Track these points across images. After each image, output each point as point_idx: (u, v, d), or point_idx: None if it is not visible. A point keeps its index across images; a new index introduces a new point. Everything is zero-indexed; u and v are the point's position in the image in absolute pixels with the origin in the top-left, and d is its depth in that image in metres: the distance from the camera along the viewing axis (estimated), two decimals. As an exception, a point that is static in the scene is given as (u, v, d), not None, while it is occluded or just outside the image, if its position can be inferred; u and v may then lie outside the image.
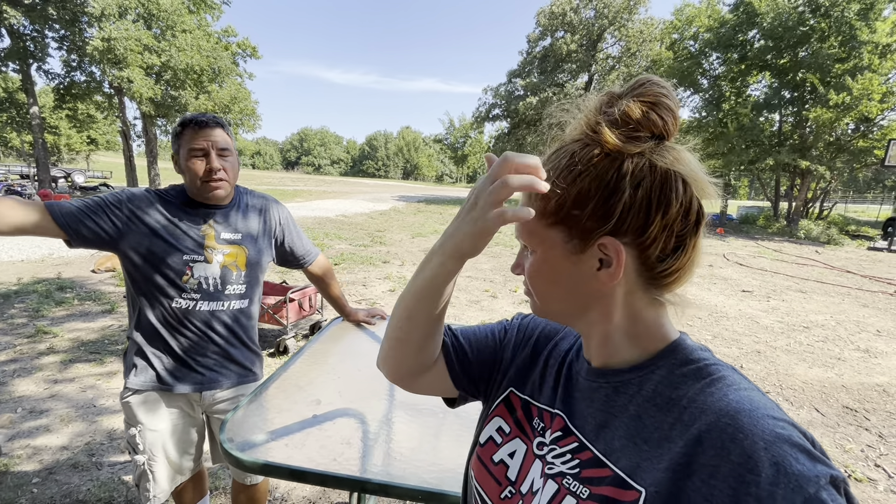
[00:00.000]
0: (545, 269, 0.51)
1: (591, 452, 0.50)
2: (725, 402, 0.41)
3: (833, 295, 6.71)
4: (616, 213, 0.45)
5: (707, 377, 0.45)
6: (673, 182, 0.45)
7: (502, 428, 0.62)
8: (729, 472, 0.37)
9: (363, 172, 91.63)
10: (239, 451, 0.99)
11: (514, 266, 0.56)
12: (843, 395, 3.45)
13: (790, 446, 0.36)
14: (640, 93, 0.46)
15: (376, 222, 13.06)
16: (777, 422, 0.38)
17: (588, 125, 0.48)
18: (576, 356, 0.60)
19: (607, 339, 0.51)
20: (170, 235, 1.33)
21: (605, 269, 0.47)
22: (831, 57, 12.41)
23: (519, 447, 0.59)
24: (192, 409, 1.46)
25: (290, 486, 2.19)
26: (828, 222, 16.22)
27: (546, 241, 0.50)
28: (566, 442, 0.53)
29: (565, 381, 0.59)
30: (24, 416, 2.68)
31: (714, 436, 0.39)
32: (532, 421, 0.60)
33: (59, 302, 4.75)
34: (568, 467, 0.51)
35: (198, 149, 1.31)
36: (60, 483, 2.13)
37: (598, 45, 23.78)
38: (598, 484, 0.47)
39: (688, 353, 0.48)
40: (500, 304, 5.41)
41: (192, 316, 1.37)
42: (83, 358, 3.47)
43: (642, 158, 0.45)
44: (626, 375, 0.50)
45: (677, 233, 0.46)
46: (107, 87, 15.28)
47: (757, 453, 0.36)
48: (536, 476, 0.54)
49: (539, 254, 0.51)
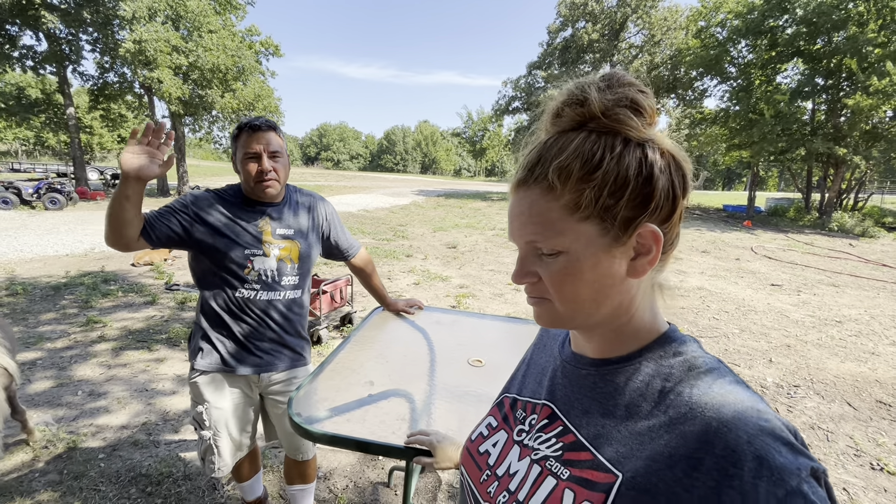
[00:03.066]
0: (578, 270, 0.46)
1: (574, 436, 0.50)
2: (710, 395, 0.42)
3: (867, 289, 6.51)
4: (654, 198, 0.45)
5: (694, 370, 0.45)
6: (684, 165, 0.47)
7: (490, 424, 0.64)
8: (712, 465, 0.37)
9: (381, 167, 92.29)
10: (307, 424, 1.11)
11: (522, 275, 0.50)
12: (877, 389, 3.40)
13: (773, 439, 0.37)
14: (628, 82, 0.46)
15: (397, 217, 13.21)
16: (760, 414, 0.39)
17: (599, 109, 0.45)
18: (561, 347, 0.61)
19: (618, 332, 0.51)
20: (231, 232, 1.45)
21: (642, 259, 0.47)
22: (870, 42, 11.88)
23: (501, 437, 0.61)
24: (250, 390, 1.59)
25: (332, 466, 2.33)
26: (863, 214, 15.59)
27: (580, 237, 0.46)
28: (552, 427, 0.54)
29: (552, 373, 0.60)
30: (85, 399, 2.90)
31: (698, 428, 0.40)
32: (516, 412, 0.62)
33: (104, 294, 5.03)
34: (552, 451, 0.52)
35: (251, 152, 1.42)
36: (124, 458, 2.32)
37: (620, 35, 23.28)
38: (579, 466, 0.47)
39: (677, 345, 0.49)
40: (523, 298, 5.43)
41: (252, 304, 1.49)
42: (132, 346, 3.70)
43: (654, 145, 0.46)
44: (615, 365, 0.51)
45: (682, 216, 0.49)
46: (137, 88, 15.83)
47: (740, 447, 0.37)
48: (514, 459, 0.56)
49: (571, 253, 0.46)
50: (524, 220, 0.48)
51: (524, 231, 0.48)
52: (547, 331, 0.70)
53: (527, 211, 0.48)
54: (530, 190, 0.47)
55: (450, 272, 6.59)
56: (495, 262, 7.42)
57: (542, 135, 0.51)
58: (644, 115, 0.46)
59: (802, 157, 15.28)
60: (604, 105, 0.45)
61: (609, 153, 0.44)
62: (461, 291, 5.57)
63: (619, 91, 0.46)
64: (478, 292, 5.60)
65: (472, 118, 41.78)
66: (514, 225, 0.50)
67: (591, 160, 0.45)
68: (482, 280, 6.22)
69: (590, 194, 0.44)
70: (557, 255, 0.47)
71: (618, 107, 0.45)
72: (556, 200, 0.46)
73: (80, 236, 8.64)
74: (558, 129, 0.48)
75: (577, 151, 0.45)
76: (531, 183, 0.47)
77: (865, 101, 11.97)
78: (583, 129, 0.47)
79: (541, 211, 0.47)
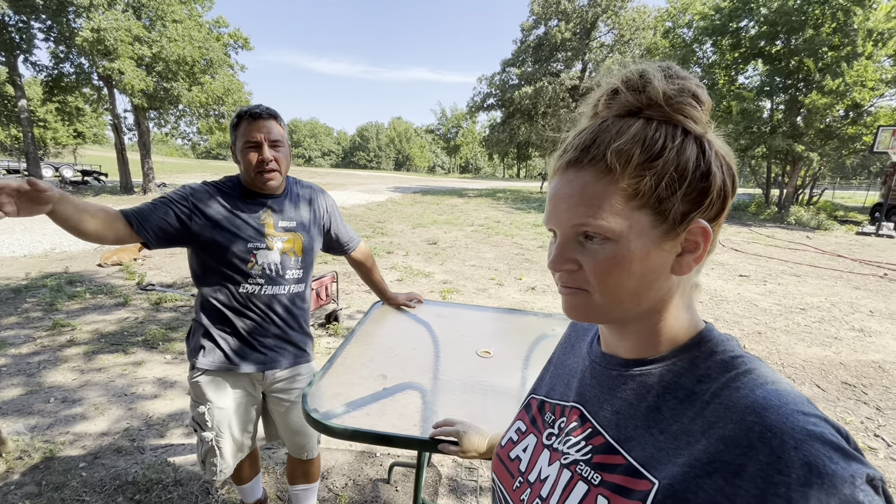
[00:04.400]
0: (627, 260, 0.44)
1: (603, 438, 0.49)
2: (752, 397, 0.39)
3: (826, 278, 6.91)
4: (709, 195, 0.44)
5: (732, 370, 0.43)
6: (733, 165, 0.46)
7: (520, 428, 0.63)
8: (756, 472, 0.35)
9: (354, 164, 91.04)
10: (326, 419, 1.09)
11: (562, 261, 0.47)
12: (842, 371, 3.62)
13: (822, 444, 0.34)
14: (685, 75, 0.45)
15: (375, 213, 13.08)
16: (808, 418, 0.36)
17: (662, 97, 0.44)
18: (590, 346, 0.59)
19: (653, 331, 0.49)
20: (232, 225, 1.40)
21: (689, 255, 0.45)
22: (825, 43, 12.56)
23: (531, 441, 0.59)
24: (253, 389, 1.55)
25: (329, 464, 2.29)
26: (817, 208, 16.53)
27: (633, 225, 0.44)
28: (581, 430, 0.52)
29: (581, 374, 0.58)
30: (58, 406, 2.75)
31: (740, 434, 0.38)
32: (544, 415, 0.60)
33: (71, 296, 4.77)
34: (581, 454, 0.50)
35: (252, 141, 1.37)
36: (107, 466, 2.21)
37: (591, 34, 23.75)
38: (611, 471, 0.46)
39: (713, 345, 0.46)
40: (507, 292, 5.52)
41: (256, 299, 1.45)
42: (106, 349, 3.53)
43: (709, 141, 0.45)
44: (649, 366, 0.49)
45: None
46: (96, 79, 15.01)
47: (787, 452, 0.35)
48: (545, 465, 0.54)
49: (621, 242, 0.44)
50: (574, 202, 0.45)
51: (573, 213, 0.45)
52: (574, 331, 0.68)
53: (578, 192, 0.45)
54: (583, 171, 0.45)
55: (432, 268, 6.59)
56: (476, 257, 7.46)
57: (587, 119, 0.49)
58: (702, 109, 0.45)
59: (763, 154, 16.02)
60: (667, 93, 0.44)
61: (671, 142, 0.43)
62: (445, 287, 5.58)
63: (679, 82, 0.45)
64: (461, 287, 5.62)
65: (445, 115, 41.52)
66: (561, 207, 0.46)
67: (652, 147, 0.43)
68: (465, 275, 6.25)
69: (649, 182, 0.43)
70: (605, 241, 0.44)
71: (681, 96, 0.44)
72: (613, 184, 0.43)
73: (37, 236, 8.14)
74: (612, 113, 0.46)
75: (637, 137, 0.43)
76: (585, 164, 0.45)
77: (821, 101, 12.65)
78: (639, 115, 0.45)
79: (596, 193, 0.44)
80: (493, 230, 10.44)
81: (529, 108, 23.87)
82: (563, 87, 23.38)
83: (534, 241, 9.12)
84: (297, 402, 1.59)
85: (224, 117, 15.73)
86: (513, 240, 9.29)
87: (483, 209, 15.39)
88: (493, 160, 45.54)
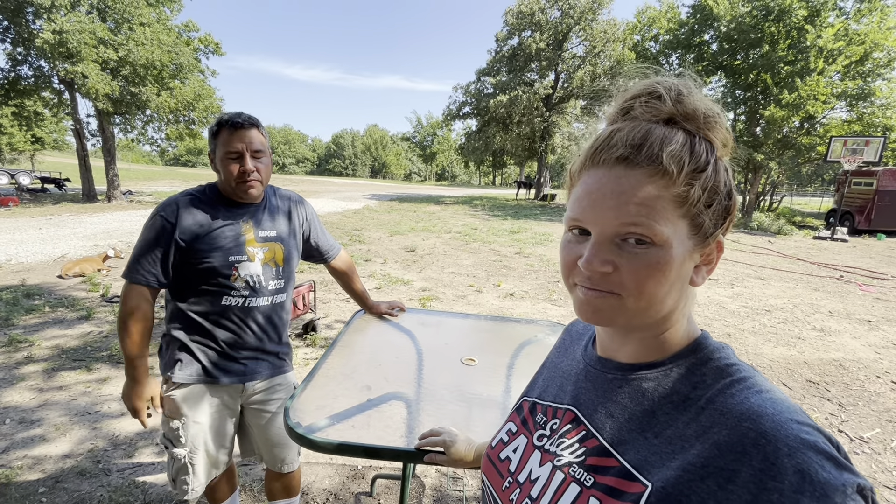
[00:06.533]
0: (668, 267, 0.44)
1: (597, 440, 0.49)
2: (747, 405, 0.40)
3: (788, 281, 7.24)
4: (732, 213, 0.47)
5: (727, 377, 0.44)
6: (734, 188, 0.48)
7: (511, 429, 0.63)
8: (749, 477, 0.36)
9: (330, 171, 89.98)
10: (310, 433, 1.06)
11: (601, 262, 0.44)
12: (806, 370, 3.79)
13: (815, 453, 0.35)
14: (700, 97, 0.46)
15: (351, 221, 12.95)
16: (802, 426, 0.37)
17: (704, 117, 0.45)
18: (585, 351, 0.60)
19: (657, 338, 0.49)
20: (213, 238, 1.36)
21: (705, 267, 0.48)
22: (781, 59, 13.29)
23: (521, 442, 0.59)
24: (232, 402, 1.50)
25: (309, 479, 2.23)
26: (777, 214, 17.36)
27: (678, 232, 0.44)
28: (575, 432, 0.52)
29: (576, 377, 0.58)
30: (14, 427, 2.58)
31: (734, 440, 0.38)
32: (536, 417, 0.60)
33: (28, 310, 4.51)
34: (575, 456, 0.50)
35: (233, 152, 1.34)
36: (70, 491, 2.09)
37: (564, 45, 24.36)
38: (604, 473, 0.46)
39: (709, 353, 0.47)
40: (486, 299, 5.54)
41: (237, 311, 1.41)
42: (67, 366, 3.34)
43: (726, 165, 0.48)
44: (645, 371, 0.49)
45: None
46: (56, 83, 14.37)
47: (780, 459, 0.35)
48: (535, 465, 0.54)
49: (666, 248, 0.43)
50: (624, 200, 0.43)
51: (621, 211, 0.43)
52: (569, 335, 0.69)
53: (629, 191, 0.43)
54: (635, 170, 0.43)
55: (411, 276, 6.55)
56: (455, 264, 7.47)
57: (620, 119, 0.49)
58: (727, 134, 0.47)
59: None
60: (705, 112, 0.45)
61: (711, 157, 0.45)
62: (424, 294, 5.56)
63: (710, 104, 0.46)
64: (441, 295, 5.61)
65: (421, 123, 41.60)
66: (608, 204, 0.44)
67: (699, 158, 0.44)
68: (443, 283, 6.24)
69: (697, 192, 0.43)
70: (650, 246, 0.43)
71: (716, 117, 0.46)
72: (666, 189, 0.43)
73: (-9, 247, 7.68)
74: (650, 118, 0.46)
75: (685, 146, 0.44)
76: (640, 162, 0.43)
77: (778, 113, 13.34)
78: (676, 125, 0.45)
79: (650, 195, 0.43)
80: (470, 237, 10.49)
81: (504, 117, 24.22)
82: (537, 97, 23.84)
83: (511, 248, 9.20)
84: (278, 413, 1.55)
85: (195, 123, 15.28)
86: (490, 246, 9.35)
87: (460, 216, 15.46)
88: (469, 168, 45.87)
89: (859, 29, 13.13)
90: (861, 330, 4.86)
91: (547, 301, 5.53)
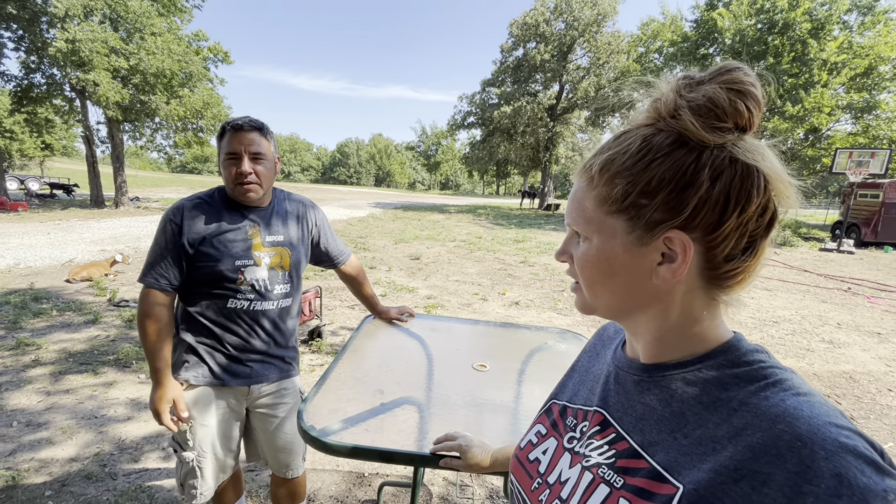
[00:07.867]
0: (600, 260, 0.48)
1: (627, 443, 0.49)
2: (782, 407, 0.39)
3: (795, 292, 7.18)
4: (689, 206, 0.43)
5: (762, 380, 0.43)
6: (755, 178, 0.43)
7: (540, 431, 0.63)
8: (784, 480, 0.35)
9: (334, 179, 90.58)
10: (324, 436, 1.06)
11: (560, 253, 0.55)
12: (816, 382, 3.75)
13: (854, 457, 0.34)
14: (728, 80, 0.43)
15: (356, 229, 12.99)
16: (840, 430, 0.36)
17: (666, 109, 0.45)
18: (614, 352, 0.60)
19: (659, 338, 0.50)
20: (219, 242, 1.37)
21: (668, 265, 0.45)
22: (785, 72, 13.35)
23: (551, 444, 0.60)
24: (238, 405, 1.50)
25: (315, 486, 2.22)
26: (783, 226, 17.25)
27: (605, 229, 0.47)
28: (604, 434, 0.52)
29: (605, 379, 0.59)
30: (21, 430, 2.58)
31: (769, 442, 0.37)
32: (566, 420, 0.61)
33: (36, 313, 4.53)
34: (604, 458, 0.50)
35: (232, 153, 1.36)
36: (76, 494, 2.08)
37: (568, 56, 24.56)
38: (633, 475, 0.46)
39: (741, 355, 0.46)
40: (491, 307, 5.53)
41: (244, 315, 1.41)
42: (74, 369, 3.35)
43: (723, 151, 0.43)
44: (672, 372, 0.49)
45: (750, 233, 0.44)
46: (68, 91, 14.61)
47: (816, 463, 0.34)
48: (565, 467, 0.55)
49: (595, 242, 0.48)
50: (571, 205, 0.52)
51: (567, 213, 0.53)
52: (600, 339, 0.69)
53: (572, 196, 0.53)
54: (580, 177, 0.51)
55: (416, 283, 6.56)
56: (460, 272, 7.47)
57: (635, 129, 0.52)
58: (723, 118, 0.43)
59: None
60: (673, 106, 0.44)
61: (653, 154, 0.44)
62: (429, 302, 5.55)
63: (700, 89, 0.43)
64: (445, 302, 5.61)
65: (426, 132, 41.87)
66: (567, 208, 0.54)
67: (632, 157, 0.46)
68: (448, 290, 6.24)
69: (619, 190, 0.46)
70: (584, 240, 0.51)
71: (687, 108, 0.43)
72: (591, 191, 0.49)
73: (0, 251, 7.75)
74: (640, 124, 0.48)
75: (623, 148, 0.46)
76: (581, 172, 0.51)
77: (783, 125, 13.37)
78: (654, 125, 0.46)
79: (580, 198, 0.51)
80: (475, 245, 10.50)
81: (509, 127, 24.36)
82: (542, 107, 24.00)
83: (515, 257, 9.20)
84: (285, 418, 1.55)
85: (203, 131, 15.48)
86: (495, 255, 9.35)
87: (464, 225, 15.49)
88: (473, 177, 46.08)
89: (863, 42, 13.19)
90: (871, 342, 4.81)
91: (552, 310, 5.51)
